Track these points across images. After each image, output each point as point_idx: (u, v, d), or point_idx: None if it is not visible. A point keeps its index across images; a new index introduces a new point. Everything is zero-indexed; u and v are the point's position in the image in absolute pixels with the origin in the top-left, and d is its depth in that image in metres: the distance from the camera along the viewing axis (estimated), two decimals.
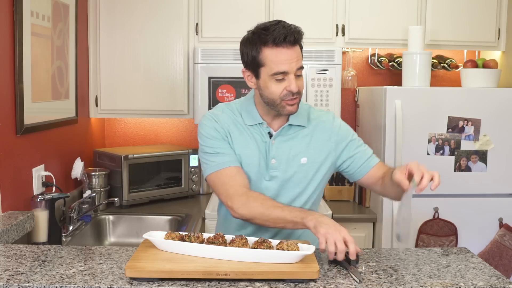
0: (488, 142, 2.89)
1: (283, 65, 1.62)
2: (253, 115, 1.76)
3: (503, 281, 1.41)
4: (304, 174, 1.76)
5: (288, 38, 1.61)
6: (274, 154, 1.74)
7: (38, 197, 2.20)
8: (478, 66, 3.18)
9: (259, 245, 1.45)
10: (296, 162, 1.75)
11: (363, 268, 1.49)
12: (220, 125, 1.75)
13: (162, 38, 3.13)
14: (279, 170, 1.74)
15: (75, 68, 2.87)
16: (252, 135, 1.76)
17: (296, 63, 1.64)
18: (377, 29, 3.18)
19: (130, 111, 3.20)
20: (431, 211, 2.91)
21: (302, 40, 1.69)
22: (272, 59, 1.62)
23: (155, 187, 3.12)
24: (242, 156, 1.74)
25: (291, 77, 1.64)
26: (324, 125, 1.80)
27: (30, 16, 2.26)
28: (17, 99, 2.17)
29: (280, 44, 1.61)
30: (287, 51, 1.62)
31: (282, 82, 1.64)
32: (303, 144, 1.76)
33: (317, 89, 3.08)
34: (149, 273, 1.36)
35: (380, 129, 2.94)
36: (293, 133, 1.77)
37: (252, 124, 1.76)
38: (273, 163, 1.74)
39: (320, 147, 1.78)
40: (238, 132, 1.75)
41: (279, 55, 1.62)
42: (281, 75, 1.63)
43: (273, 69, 1.63)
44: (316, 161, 1.77)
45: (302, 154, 1.76)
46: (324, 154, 1.78)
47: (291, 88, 1.64)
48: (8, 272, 1.43)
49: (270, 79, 1.65)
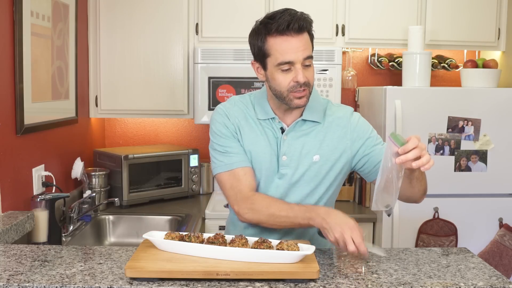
0: (488, 142, 2.89)
1: (288, 54, 1.55)
2: (266, 109, 1.70)
3: (503, 281, 1.41)
4: (316, 172, 1.68)
5: (292, 25, 1.54)
6: (286, 150, 1.67)
7: (38, 197, 2.20)
8: (478, 66, 3.18)
9: (259, 245, 1.45)
10: (308, 159, 1.67)
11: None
12: (231, 120, 1.69)
13: (162, 38, 3.13)
14: (289, 167, 1.67)
15: (75, 68, 2.87)
16: (263, 130, 1.69)
17: (302, 52, 1.55)
18: (377, 29, 3.18)
19: (130, 111, 3.20)
20: (431, 211, 2.91)
21: (311, 29, 1.61)
22: (277, 48, 1.56)
23: (155, 187, 3.12)
24: (253, 153, 1.68)
25: (297, 67, 1.56)
26: (340, 121, 1.71)
27: (30, 16, 2.26)
28: (17, 99, 2.17)
29: (284, 32, 1.54)
30: (292, 39, 1.55)
31: (289, 73, 1.57)
32: (317, 141, 1.68)
33: (317, 89, 3.06)
34: (149, 273, 1.36)
35: (380, 129, 2.94)
36: (307, 129, 1.69)
37: (264, 118, 1.69)
38: (284, 160, 1.67)
39: (334, 144, 1.69)
40: (249, 127, 1.69)
41: (284, 43, 1.55)
42: (287, 65, 1.56)
43: (278, 59, 1.56)
44: (330, 159, 1.68)
45: (314, 152, 1.67)
46: (339, 152, 1.69)
47: (298, 79, 1.56)
48: (8, 272, 1.43)
49: (276, 70, 1.58)
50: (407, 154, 1.35)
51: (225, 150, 1.68)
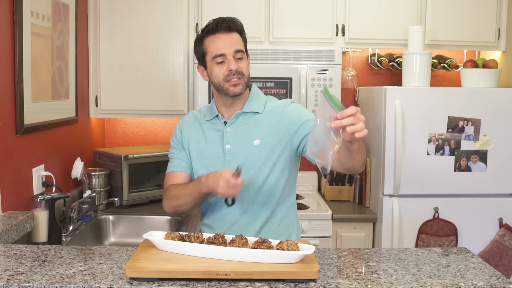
0: (488, 142, 2.89)
1: (220, 48, 1.79)
2: (212, 109, 1.91)
3: (503, 281, 1.41)
4: (258, 155, 1.83)
5: (220, 24, 1.80)
6: (228, 139, 1.85)
7: (38, 197, 2.20)
8: (478, 66, 3.18)
9: (259, 245, 1.45)
10: (249, 144, 1.84)
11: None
12: (182, 133, 1.94)
13: (162, 38, 3.13)
14: (233, 154, 1.84)
15: (75, 68, 2.87)
16: (209, 129, 1.90)
17: (232, 46, 1.80)
18: (377, 29, 3.18)
19: (130, 111, 3.20)
20: (431, 211, 2.91)
21: (243, 32, 1.86)
22: (211, 45, 1.81)
23: (155, 187, 3.12)
24: (200, 148, 1.89)
25: (229, 58, 1.79)
26: (277, 109, 1.88)
27: (30, 16, 2.26)
28: (17, 99, 2.17)
29: (216, 31, 1.80)
30: (223, 35, 1.80)
31: (223, 65, 1.80)
32: (256, 128, 1.85)
33: (317, 89, 3.08)
34: (149, 273, 1.36)
35: (380, 129, 2.94)
36: (247, 119, 1.87)
37: (210, 118, 1.90)
38: (228, 148, 1.84)
39: (272, 128, 1.84)
40: (196, 130, 1.92)
41: (216, 40, 1.80)
42: (220, 58, 1.79)
43: (212, 54, 1.80)
44: (269, 142, 1.83)
45: (255, 137, 1.84)
46: (277, 135, 1.84)
47: (230, 67, 1.78)
48: (8, 272, 1.43)
49: (213, 64, 1.81)
50: (342, 120, 1.36)
51: (171, 156, 1.97)
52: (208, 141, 1.89)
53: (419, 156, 2.87)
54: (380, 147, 2.95)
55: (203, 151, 1.89)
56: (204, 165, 1.88)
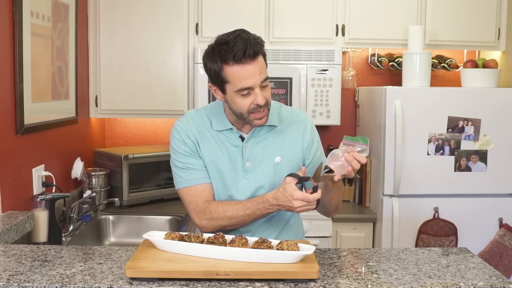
0: (488, 142, 2.89)
1: (246, 81, 1.59)
2: (223, 121, 1.75)
3: (503, 281, 1.41)
4: (280, 174, 1.74)
5: (248, 52, 1.57)
6: (248, 156, 1.73)
7: (38, 197, 2.20)
8: (478, 66, 3.18)
9: (259, 245, 1.45)
10: (270, 162, 1.74)
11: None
12: (189, 136, 1.74)
13: (162, 38, 3.13)
14: (254, 172, 1.74)
15: (75, 68, 2.87)
16: (221, 141, 1.74)
17: (259, 76, 1.61)
18: (377, 29, 3.18)
19: (130, 111, 3.20)
20: (431, 211, 2.91)
21: (263, 48, 1.65)
22: (235, 76, 1.60)
23: (155, 187, 3.12)
24: (213, 163, 1.74)
25: (256, 90, 1.61)
26: (297, 124, 1.80)
27: (30, 16, 2.26)
28: (17, 99, 2.17)
29: (241, 60, 1.58)
30: (249, 66, 1.59)
31: (248, 96, 1.62)
32: (276, 143, 1.76)
33: (317, 89, 3.08)
34: (149, 273, 1.36)
35: (380, 129, 2.95)
36: (265, 134, 1.76)
37: (221, 129, 1.75)
38: (248, 165, 1.73)
39: (293, 145, 1.78)
40: (206, 139, 1.75)
41: (242, 71, 1.59)
42: (246, 90, 1.61)
43: (237, 86, 1.61)
44: (290, 160, 1.77)
45: (275, 153, 1.75)
46: (298, 153, 1.78)
47: (258, 102, 1.62)
48: (8, 272, 1.43)
49: (236, 95, 1.63)
50: (355, 161, 1.55)
51: (185, 166, 1.74)
52: (224, 155, 1.74)
53: (419, 156, 2.87)
54: (380, 147, 2.95)
55: (219, 166, 1.74)
56: (221, 180, 1.74)
